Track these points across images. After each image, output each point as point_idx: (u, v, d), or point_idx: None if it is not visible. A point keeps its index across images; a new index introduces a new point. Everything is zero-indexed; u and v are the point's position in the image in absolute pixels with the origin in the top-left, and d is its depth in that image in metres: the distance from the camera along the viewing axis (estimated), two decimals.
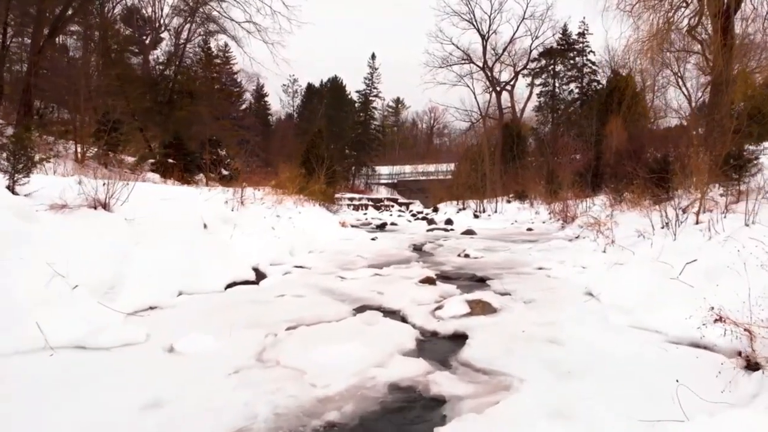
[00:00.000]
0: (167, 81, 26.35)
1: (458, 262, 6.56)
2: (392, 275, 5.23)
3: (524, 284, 4.83)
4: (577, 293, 4.36)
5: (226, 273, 4.65)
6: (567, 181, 17.90)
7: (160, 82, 26.15)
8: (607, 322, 3.37)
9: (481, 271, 5.78)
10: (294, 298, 4.09)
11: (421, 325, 3.38)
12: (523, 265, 6.11)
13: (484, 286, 4.94)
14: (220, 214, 6.20)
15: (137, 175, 16.14)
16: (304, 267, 5.59)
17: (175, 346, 2.80)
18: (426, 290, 4.44)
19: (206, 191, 7.16)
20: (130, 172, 15.96)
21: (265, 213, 7.76)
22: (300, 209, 11.54)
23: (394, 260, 6.76)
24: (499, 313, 3.53)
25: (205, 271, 4.54)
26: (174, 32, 25.84)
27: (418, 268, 5.74)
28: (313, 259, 6.35)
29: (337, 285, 4.65)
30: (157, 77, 26.68)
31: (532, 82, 34.17)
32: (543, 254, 7.08)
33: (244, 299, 4.02)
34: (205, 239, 5.23)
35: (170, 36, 26.71)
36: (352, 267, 5.89)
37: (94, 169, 14.31)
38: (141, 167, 17.19)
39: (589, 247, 7.34)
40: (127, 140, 17.66)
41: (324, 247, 7.53)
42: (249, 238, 6.05)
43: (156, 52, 28.07)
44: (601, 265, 5.30)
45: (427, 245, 8.82)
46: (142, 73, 26.48)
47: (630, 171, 11.49)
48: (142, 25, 27.80)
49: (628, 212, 10.21)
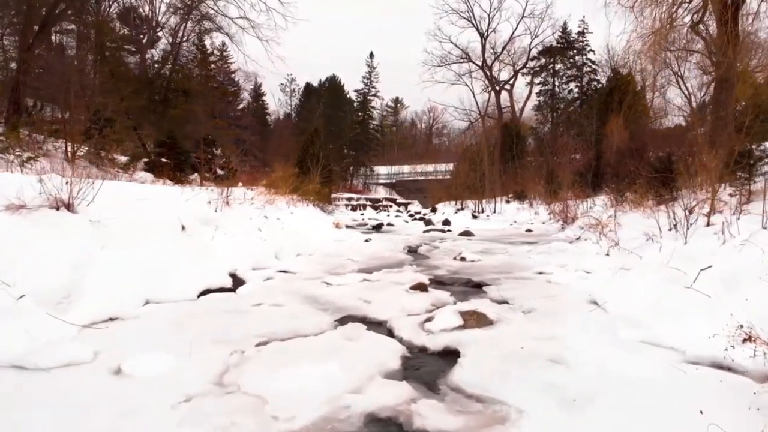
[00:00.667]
0: (162, 79, 26.03)
1: (454, 265, 6.21)
2: (382, 281, 4.88)
3: (523, 291, 4.48)
4: (581, 301, 4.01)
5: (200, 279, 4.30)
6: (567, 181, 17.56)
7: (155, 80, 25.83)
8: (615, 336, 3.02)
9: (477, 275, 5.43)
10: (271, 307, 3.73)
11: (409, 340, 3.03)
12: (522, 269, 5.76)
13: (480, 293, 4.59)
14: (200, 215, 5.85)
15: (129, 174, 15.83)
16: (289, 272, 5.24)
17: (123, 368, 2.45)
18: (417, 298, 4.09)
19: (189, 191, 6.81)
20: (123, 172, 15.65)
21: (252, 213, 7.40)
22: (292, 209, 11.18)
23: (387, 264, 6.41)
24: (495, 326, 3.18)
25: (178, 277, 4.19)
26: (171, 31, 25.57)
27: (410, 273, 5.39)
28: (301, 262, 6.00)
29: (321, 292, 4.30)
30: (153, 75, 26.37)
31: (532, 81, 33.86)
32: (543, 257, 6.74)
33: (217, 309, 3.67)
34: (181, 242, 4.88)
35: (167, 35, 26.42)
36: (341, 271, 5.54)
37: (84, 168, 13.94)
38: (134, 166, 16.87)
39: (591, 249, 7.00)
40: (120, 139, 17.35)
41: (314, 249, 7.17)
42: (231, 240, 5.70)
43: (153, 51, 27.78)
44: (605, 270, 4.95)
45: (423, 247, 8.47)
46: (139, 71, 26.17)
47: (632, 170, 11.17)
48: (139, 24, 27.50)
49: (631, 213, 9.87)
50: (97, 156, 14.61)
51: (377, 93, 45.15)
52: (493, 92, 33.05)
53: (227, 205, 7.13)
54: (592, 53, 33.63)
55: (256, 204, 8.84)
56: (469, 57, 32.74)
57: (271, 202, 10.75)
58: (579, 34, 33.98)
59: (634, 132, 19.52)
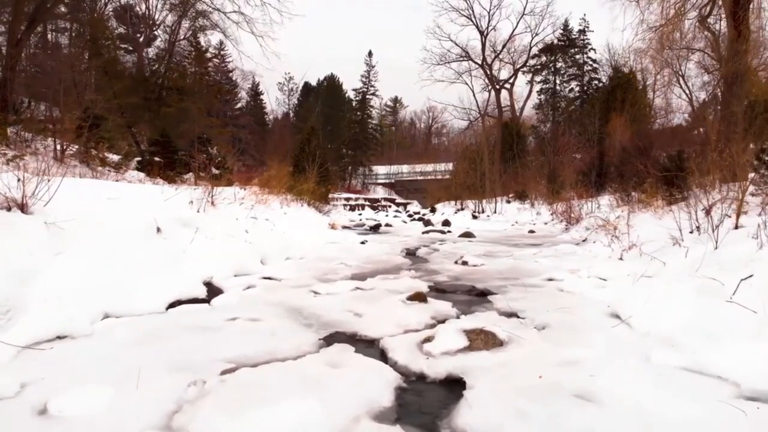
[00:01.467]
0: (157, 77, 25.61)
1: (455, 270, 5.74)
2: (377, 289, 4.41)
3: (534, 301, 4.02)
4: (601, 315, 3.54)
5: (171, 288, 3.82)
6: (570, 180, 17.11)
7: (149, 78, 25.40)
8: (649, 361, 2.56)
9: (481, 282, 4.96)
10: (247, 322, 3.26)
11: (405, 365, 2.55)
12: (530, 275, 5.30)
13: (485, 303, 4.12)
14: (180, 216, 5.37)
15: (121, 173, 15.35)
16: (274, 278, 4.76)
17: (49, 406, 1.97)
18: (415, 310, 3.62)
19: (172, 189, 6.33)
20: (114, 171, 15.18)
21: (240, 214, 6.93)
22: (285, 210, 10.72)
23: (382, 268, 5.94)
24: (506, 348, 2.71)
25: (145, 287, 3.71)
26: (169, 30, 25.21)
27: (408, 279, 4.92)
28: (289, 267, 5.52)
29: (307, 303, 3.82)
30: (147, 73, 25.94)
31: (532, 79, 33.46)
32: (551, 261, 6.27)
33: (184, 324, 3.19)
34: (153, 246, 4.40)
35: (164, 33, 26.05)
36: (332, 277, 5.07)
37: (73, 167, 13.46)
38: (126, 165, 16.42)
39: (602, 253, 6.55)
40: (112, 137, 16.93)
41: (305, 252, 6.70)
42: (213, 243, 5.23)
43: (149, 50, 27.38)
44: (623, 278, 4.49)
45: (422, 250, 8.00)
46: (135, 70, 25.75)
47: (640, 169, 10.71)
48: (136, 22, 27.10)
49: (640, 213, 9.43)
50: (88, 154, 14.17)
51: (376, 92, 44.75)
52: (493, 91, 32.61)
53: (212, 205, 6.66)
54: (593, 52, 33.25)
55: (247, 204, 8.39)
56: (468, 55, 32.32)
57: (263, 201, 10.29)
58: (580, 32, 33.62)
59: (641, 130, 19.09)
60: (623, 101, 24.21)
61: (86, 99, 15.91)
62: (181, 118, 22.42)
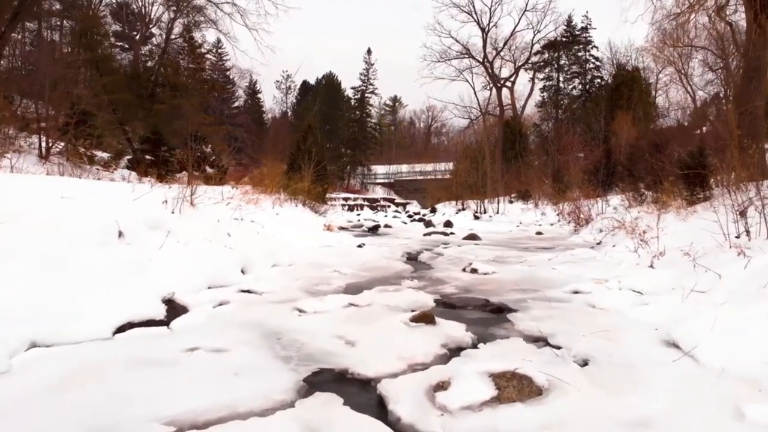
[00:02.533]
0: (150, 73, 24.98)
1: (464, 279, 5.06)
2: (374, 304, 3.71)
3: (563, 321, 3.33)
4: (652, 342, 2.86)
5: (123, 307, 3.12)
6: (576, 179, 16.44)
7: (141, 74, 24.75)
8: (743, 418, 1.88)
9: (495, 294, 4.28)
10: (210, 354, 2.57)
11: (411, 424, 1.87)
12: (550, 286, 4.62)
13: (504, 323, 3.43)
14: (150, 218, 4.68)
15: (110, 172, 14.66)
16: (254, 291, 4.05)
17: None
18: (421, 335, 2.93)
19: (143, 187, 5.63)
20: (103, 169, 14.50)
21: (224, 215, 6.24)
22: (278, 210, 10.05)
23: (381, 277, 5.26)
24: (546, 398, 2.02)
25: (90, 306, 3.02)
26: (164, 27, 24.68)
27: (410, 292, 4.23)
28: (274, 277, 4.83)
29: (289, 325, 3.13)
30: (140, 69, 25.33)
31: (534, 77, 32.80)
32: (570, 268, 5.59)
33: (129, 357, 2.50)
34: (111, 254, 3.71)
35: (160, 30, 25.51)
36: (323, 289, 4.38)
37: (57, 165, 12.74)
38: (116, 164, 15.79)
39: (626, 259, 5.86)
40: (102, 134, 16.31)
41: (295, 258, 6.01)
42: (185, 250, 4.54)
43: (146, 48, 26.77)
44: (665, 292, 3.81)
45: (424, 254, 7.32)
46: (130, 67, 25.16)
47: (656, 167, 10.04)
48: (132, 20, 26.49)
49: (660, 214, 8.76)
50: (75, 152, 13.53)
51: (375, 90, 44.05)
52: (494, 89, 31.95)
53: (191, 205, 5.97)
54: (595, 49, 32.63)
55: (235, 204, 7.72)
56: (469, 52, 31.67)
57: (254, 201, 9.64)
58: (582, 29, 32.97)
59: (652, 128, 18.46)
60: (629, 99, 23.59)
61: (72, 94, 15.23)
62: (174, 115, 21.76)
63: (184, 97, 22.52)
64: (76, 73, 18.98)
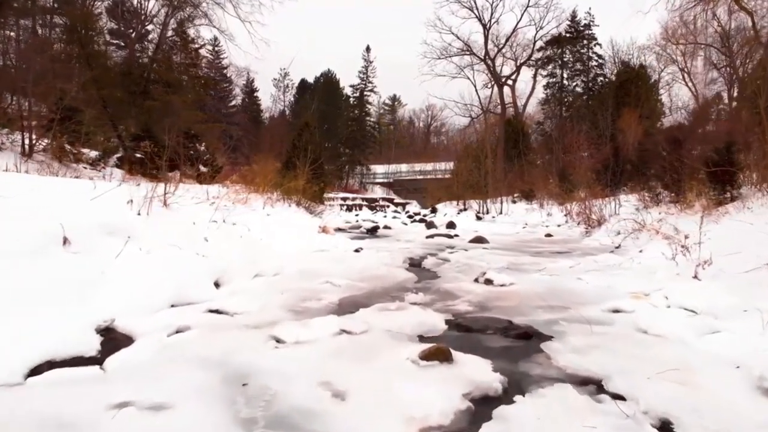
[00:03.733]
0: (142, 69, 24.29)
1: (477, 292, 4.32)
2: (372, 330, 2.98)
3: (613, 353, 2.61)
4: (740, 388, 2.13)
5: (45, 340, 2.39)
6: (585, 179, 15.73)
7: (133, 70, 24.05)
8: None
9: (519, 313, 3.55)
10: (144, 414, 1.83)
11: None
12: (582, 301, 3.89)
13: (536, 355, 2.70)
14: (105, 221, 3.95)
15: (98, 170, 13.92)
16: (225, 312, 3.30)
17: None
18: (435, 381, 2.20)
19: (106, 185, 4.89)
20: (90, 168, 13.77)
21: (202, 217, 5.50)
22: (269, 210, 9.30)
23: (381, 289, 4.53)
24: None
25: (2, 338, 2.29)
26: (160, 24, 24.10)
27: (416, 311, 3.49)
28: (254, 290, 4.09)
29: (262, 363, 2.39)
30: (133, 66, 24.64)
31: (536, 74, 32.12)
32: (597, 278, 4.86)
33: (35, 415, 1.77)
34: (48, 266, 2.98)
35: (155, 27, 24.94)
36: (311, 307, 3.65)
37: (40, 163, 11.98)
38: (104, 162, 15.07)
39: (660, 266, 5.14)
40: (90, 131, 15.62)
41: (283, 265, 5.27)
42: (148, 259, 3.80)
43: (142, 45, 26.14)
44: (730, 313, 3.09)
45: (428, 260, 6.59)
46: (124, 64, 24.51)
47: (677, 164, 9.33)
48: (128, 17, 25.84)
49: (683, 216, 8.06)
50: (60, 150, 12.84)
51: (374, 88, 43.34)
52: (496, 86, 31.24)
53: (165, 206, 5.23)
54: (598, 47, 31.98)
55: (220, 203, 7.00)
56: (470, 49, 31.00)
57: (243, 201, 8.91)
58: (585, 26, 32.33)
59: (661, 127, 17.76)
60: (638, 96, 22.90)
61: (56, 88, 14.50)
62: (167, 112, 21.06)
63: (177, 94, 21.81)
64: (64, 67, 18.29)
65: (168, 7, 23.24)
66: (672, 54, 27.78)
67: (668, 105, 30.32)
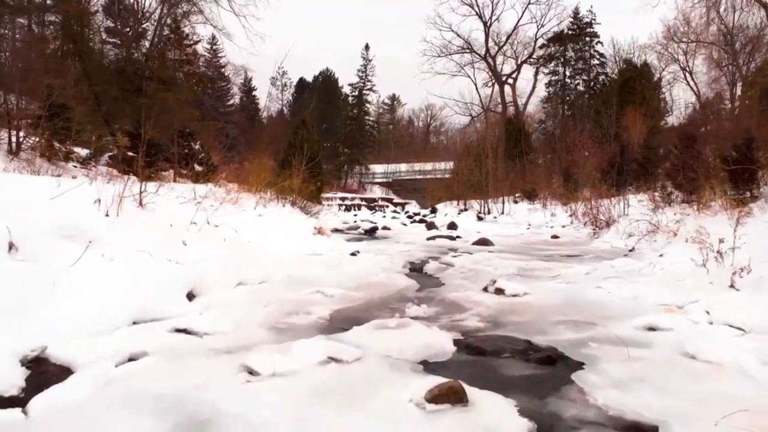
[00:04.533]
0: (136, 65, 23.80)
1: (487, 303, 3.83)
2: (367, 356, 2.48)
3: (662, 388, 2.12)
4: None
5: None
6: (590, 178, 15.26)
7: (127, 67, 23.56)
8: None
9: (538, 331, 3.07)
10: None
11: None
12: (608, 315, 3.40)
13: (567, 388, 2.22)
14: (64, 224, 3.45)
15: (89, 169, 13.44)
16: (193, 332, 2.78)
17: None
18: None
19: (73, 182, 4.39)
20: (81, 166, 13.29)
21: (183, 218, 5.01)
22: (261, 211, 8.80)
23: (379, 299, 4.04)
24: None
25: None
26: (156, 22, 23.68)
27: (419, 328, 3.00)
28: (233, 302, 3.59)
29: (226, 405, 1.89)
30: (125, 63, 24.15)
31: (537, 72, 31.65)
32: (619, 286, 4.37)
33: None
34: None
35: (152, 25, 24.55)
36: (298, 324, 3.15)
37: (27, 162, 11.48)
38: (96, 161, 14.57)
39: (686, 273, 4.66)
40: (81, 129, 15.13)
41: (270, 272, 4.77)
42: (111, 267, 3.31)
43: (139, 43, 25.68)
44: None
45: (430, 264, 6.10)
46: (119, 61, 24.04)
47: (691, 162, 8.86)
48: (125, 16, 25.39)
49: (701, 217, 7.58)
50: (48, 148, 12.38)
51: (373, 87, 42.83)
52: (496, 84, 30.76)
53: (140, 206, 4.74)
54: (600, 45, 31.55)
55: (207, 203, 6.51)
56: (471, 47, 30.53)
57: (233, 201, 8.43)
58: (586, 24, 31.90)
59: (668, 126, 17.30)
60: (642, 95, 22.46)
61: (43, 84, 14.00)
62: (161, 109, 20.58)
63: (171, 91, 21.33)
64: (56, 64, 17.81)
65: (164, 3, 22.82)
66: (673, 53, 27.40)
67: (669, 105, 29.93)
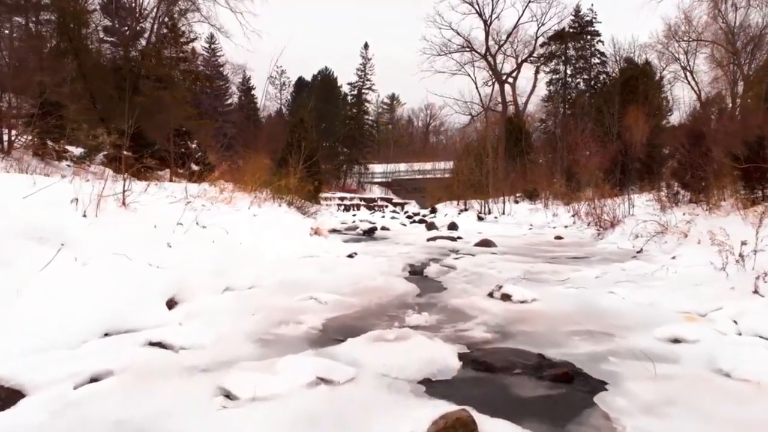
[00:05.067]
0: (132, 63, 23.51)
1: (494, 311, 3.56)
2: (363, 376, 2.20)
3: (703, 416, 1.84)
4: None
5: None
6: (594, 178, 14.99)
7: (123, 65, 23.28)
8: None
9: (550, 342, 2.79)
10: None
11: None
12: (626, 325, 3.12)
13: (588, 413, 1.94)
14: (35, 225, 3.18)
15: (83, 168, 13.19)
16: (168, 346, 2.50)
17: None
18: None
19: (48, 180, 4.11)
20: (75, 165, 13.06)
21: (168, 218, 4.73)
22: (255, 211, 8.52)
23: (376, 306, 3.76)
24: None
25: None
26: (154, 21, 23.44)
27: (420, 340, 2.72)
28: (217, 310, 3.31)
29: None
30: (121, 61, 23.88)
31: (537, 71, 31.37)
32: (633, 291, 4.09)
33: None
34: None
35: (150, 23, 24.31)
36: (286, 335, 2.87)
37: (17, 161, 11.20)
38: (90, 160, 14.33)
39: (703, 277, 4.38)
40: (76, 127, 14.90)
41: (261, 275, 4.49)
42: (83, 272, 3.03)
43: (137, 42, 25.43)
44: None
45: (432, 267, 5.82)
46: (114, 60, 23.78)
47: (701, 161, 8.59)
48: (123, 15, 25.13)
49: (712, 218, 7.31)
50: (41, 146, 12.16)
51: (372, 86, 42.56)
52: (496, 83, 30.49)
53: (123, 205, 4.46)
54: (601, 44, 31.30)
55: (198, 203, 6.25)
56: (471, 45, 30.26)
57: (227, 200, 8.16)
58: (587, 22, 31.64)
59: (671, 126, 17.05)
60: (644, 94, 22.19)
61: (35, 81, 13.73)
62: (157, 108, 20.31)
63: (168, 89, 21.05)
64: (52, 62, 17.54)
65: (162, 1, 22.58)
66: (674, 52, 27.19)
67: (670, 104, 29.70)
